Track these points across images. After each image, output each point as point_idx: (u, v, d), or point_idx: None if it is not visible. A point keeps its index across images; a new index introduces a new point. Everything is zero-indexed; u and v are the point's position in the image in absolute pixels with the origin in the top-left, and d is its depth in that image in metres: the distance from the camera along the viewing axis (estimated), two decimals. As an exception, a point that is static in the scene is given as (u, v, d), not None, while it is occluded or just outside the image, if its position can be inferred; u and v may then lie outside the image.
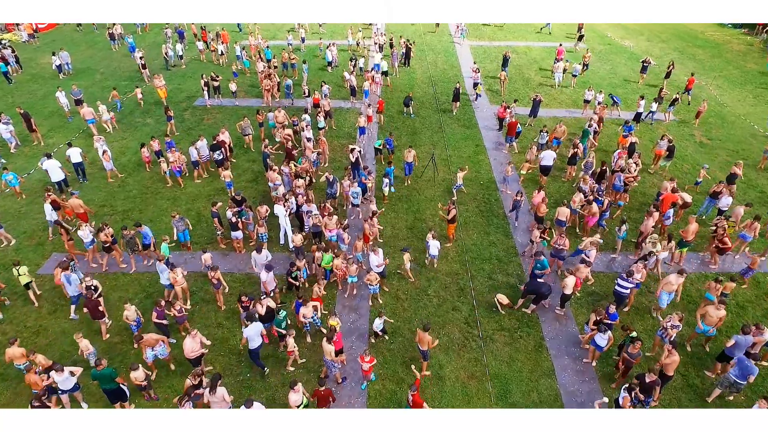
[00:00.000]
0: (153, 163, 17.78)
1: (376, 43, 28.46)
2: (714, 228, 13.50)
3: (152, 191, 16.75)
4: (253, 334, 10.10)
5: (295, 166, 15.99)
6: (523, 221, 15.33)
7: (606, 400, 9.40)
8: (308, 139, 17.59)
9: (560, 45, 28.17)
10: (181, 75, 26.50)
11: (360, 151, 16.82)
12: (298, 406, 8.92)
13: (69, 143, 17.29)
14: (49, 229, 14.52)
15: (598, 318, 10.58)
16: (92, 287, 11.12)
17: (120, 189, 16.84)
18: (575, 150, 16.88)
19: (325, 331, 10.78)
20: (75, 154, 16.78)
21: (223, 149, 17.08)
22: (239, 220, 13.56)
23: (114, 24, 31.97)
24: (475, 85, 23.85)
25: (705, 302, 11.49)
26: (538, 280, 12.01)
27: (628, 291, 11.45)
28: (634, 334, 10.22)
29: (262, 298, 10.76)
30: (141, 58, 25.10)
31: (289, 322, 11.02)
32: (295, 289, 12.17)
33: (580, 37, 31.59)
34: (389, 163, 16.23)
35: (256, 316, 10.48)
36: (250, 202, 15.81)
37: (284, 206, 13.95)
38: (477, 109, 22.96)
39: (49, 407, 8.86)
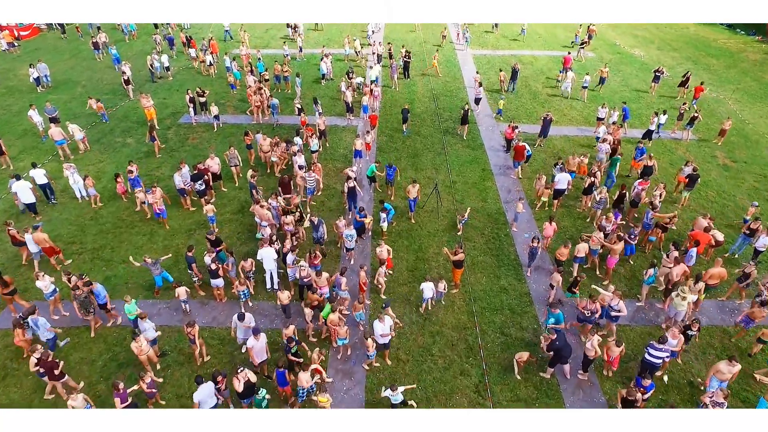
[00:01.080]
0: (129, 191, 16.20)
1: (374, 53, 26.93)
2: (741, 273, 12.14)
3: (127, 224, 15.19)
4: (205, 396, 9.04)
5: (284, 200, 14.52)
6: (536, 260, 13.81)
7: None
8: (300, 167, 16.05)
9: (568, 53, 26.69)
10: (167, 88, 24.88)
11: (356, 178, 15.33)
12: None
13: (33, 164, 15.72)
14: (34, 262, 13.18)
15: (629, 398, 9.09)
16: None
17: (92, 222, 15.27)
18: (592, 179, 15.37)
19: (316, 399, 9.22)
20: (39, 176, 15.42)
21: (206, 177, 15.52)
22: (219, 266, 12.04)
23: (99, 30, 30.37)
24: (477, 100, 22.29)
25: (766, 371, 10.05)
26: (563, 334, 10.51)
27: (660, 361, 9.86)
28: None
29: (239, 370, 9.23)
30: (124, 73, 23.33)
31: (269, 397, 9.49)
32: (296, 365, 10.37)
33: (582, 44, 30.03)
34: (381, 202, 14.44)
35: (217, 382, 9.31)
36: (234, 239, 14.35)
37: (271, 247, 12.47)
38: (482, 127, 21.42)
39: None
